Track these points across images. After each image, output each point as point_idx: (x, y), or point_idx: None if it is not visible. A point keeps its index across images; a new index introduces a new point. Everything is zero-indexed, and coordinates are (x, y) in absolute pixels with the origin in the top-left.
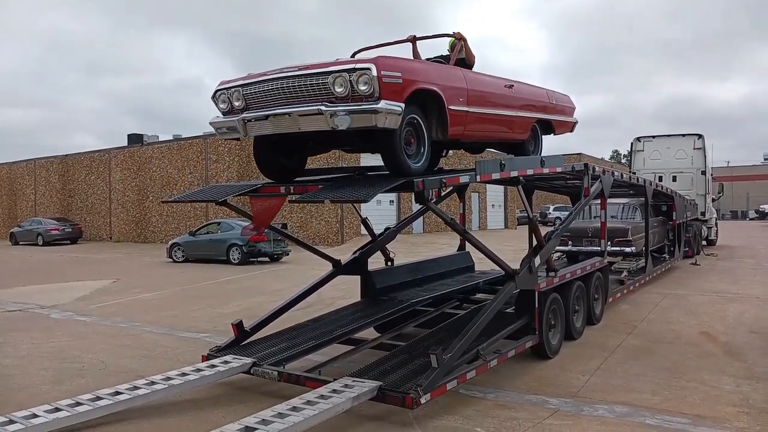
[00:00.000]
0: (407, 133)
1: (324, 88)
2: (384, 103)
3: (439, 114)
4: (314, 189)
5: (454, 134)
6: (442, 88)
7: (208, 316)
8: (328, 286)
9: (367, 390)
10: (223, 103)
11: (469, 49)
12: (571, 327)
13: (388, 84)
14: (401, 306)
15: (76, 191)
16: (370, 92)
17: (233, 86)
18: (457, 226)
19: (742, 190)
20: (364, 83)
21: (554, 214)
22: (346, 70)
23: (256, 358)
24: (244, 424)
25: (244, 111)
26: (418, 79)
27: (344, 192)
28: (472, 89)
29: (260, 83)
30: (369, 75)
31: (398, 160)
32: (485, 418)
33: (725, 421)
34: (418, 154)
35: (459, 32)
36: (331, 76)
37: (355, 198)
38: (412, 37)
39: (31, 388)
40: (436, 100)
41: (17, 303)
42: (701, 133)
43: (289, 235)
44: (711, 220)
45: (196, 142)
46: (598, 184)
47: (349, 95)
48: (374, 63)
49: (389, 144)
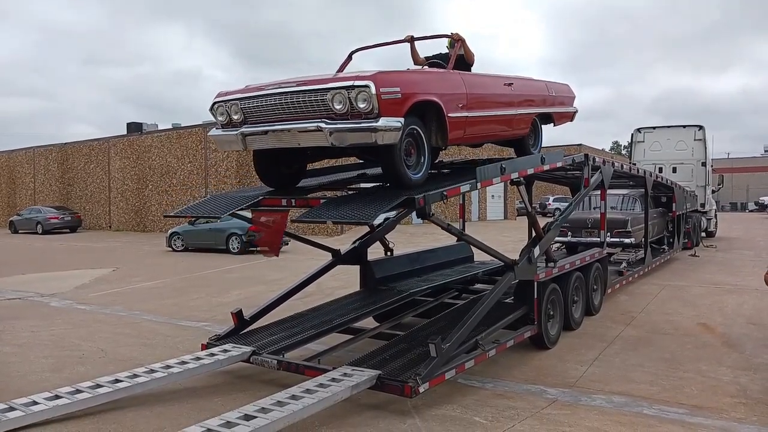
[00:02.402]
0: (407, 144)
1: (323, 105)
2: (383, 120)
3: (439, 122)
4: (316, 203)
5: (454, 139)
6: (441, 97)
7: (208, 305)
8: (328, 275)
9: (366, 379)
10: (221, 115)
11: (468, 49)
12: (569, 317)
13: (387, 100)
14: (400, 296)
15: (76, 180)
16: (369, 109)
17: (231, 99)
18: (453, 229)
19: (742, 181)
20: (363, 100)
21: (554, 205)
22: (345, 87)
23: (255, 346)
24: (244, 412)
25: (242, 124)
26: (417, 92)
27: (346, 211)
28: (472, 93)
29: (259, 98)
30: (368, 93)
31: (398, 172)
32: (483, 407)
33: (723, 411)
34: (418, 165)
35: (457, 33)
36: (329, 93)
37: (357, 220)
38: (410, 38)
39: (30, 375)
40: (436, 108)
41: (17, 291)
42: (702, 125)
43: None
44: (711, 211)
45: (196, 131)
46: (598, 175)
47: (348, 112)
48: (372, 80)
49: (389, 157)
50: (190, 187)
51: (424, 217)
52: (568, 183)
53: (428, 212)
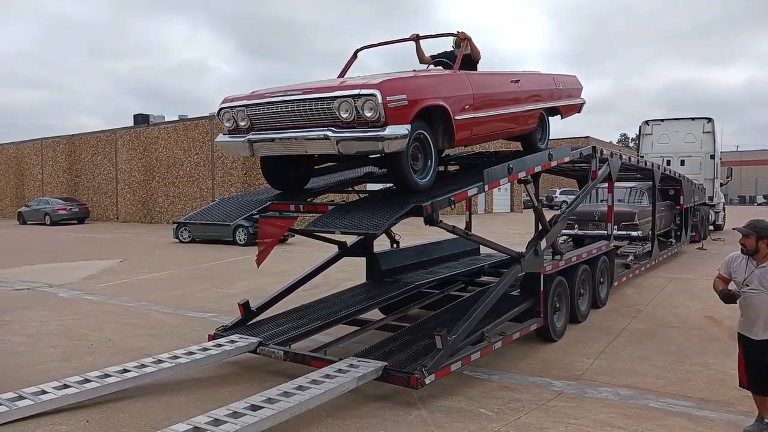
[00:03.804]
0: (414, 149)
1: (329, 112)
2: (390, 129)
3: (446, 124)
4: (324, 209)
5: (461, 140)
6: (448, 100)
7: (215, 296)
8: (334, 267)
9: (372, 370)
10: (228, 121)
11: (474, 46)
12: (576, 310)
13: (393, 108)
14: (406, 288)
15: (83, 171)
16: (375, 118)
17: (238, 106)
18: (459, 231)
19: (750, 174)
20: (370, 109)
21: (561, 197)
22: (351, 96)
23: (262, 337)
24: (251, 403)
25: (249, 130)
26: (424, 97)
27: (354, 220)
28: (479, 93)
29: (265, 105)
30: (374, 101)
31: (405, 178)
32: (489, 399)
33: (729, 404)
34: (425, 168)
35: (463, 32)
36: (336, 101)
37: (365, 231)
38: (416, 36)
39: (39, 365)
40: (443, 111)
41: (25, 281)
42: (711, 117)
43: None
44: (719, 204)
45: (202, 123)
46: (605, 168)
47: (355, 120)
48: (379, 89)
49: (396, 163)
50: (196, 179)
51: (432, 224)
52: (576, 175)
53: (436, 219)
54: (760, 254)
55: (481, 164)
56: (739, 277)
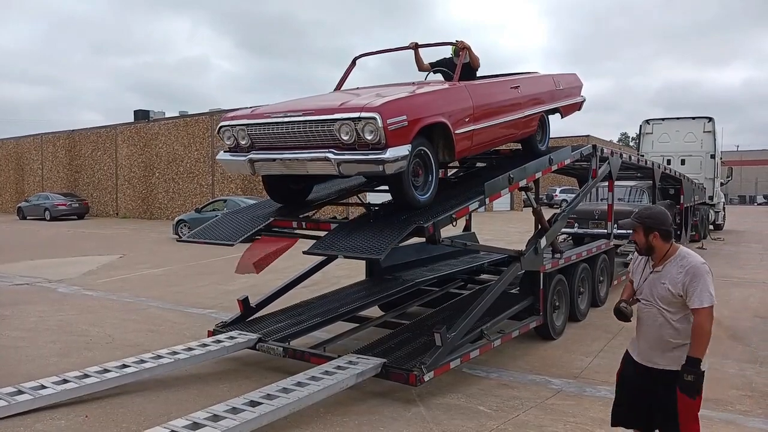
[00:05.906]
0: (415, 165)
1: (330, 134)
2: (391, 151)
3: (446, 139)
4: (327, 227)
5: (461, 152)
6: (448, 116)
7: (214, 292)
8: (334, 264)
9: (371, 367)
10: (228, 139)
11: (474, 55)
12: (575, 308)
13: (394, 131)
14: (406, 285)
15: (83, 167)
16: (376, 141)
17: (239, 124)
18: (457, 243)
19: (751, 174)
20: (370, 132)
21: (561, 196)
22: (352, 119)
23: (261, 334)
24: (250, 399)
25: (250, 149)
26: (424, 116)
27: (357, 242)
28: (478, 104)
29: (266, 125)
30: (374, 125)
31: (406, 196)
32: (488, 396)
33: (728, 404)
34: (425, 184)
35: (462, 41)
36: (336, 124)
37: (368, 255)
38: (414, 45)
39: (39, 359)
40: (443, 127)
41: (25, 277)
42: (712, 116)
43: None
44: (719, 204)
45: (202, 119)
46: (606, 166)
47: (356, 142)
48: (379, 112)
49: (397, 183)
50: (196, 175)
51: (434, 243)
52: (576, 174)
53: (438, 239)
54: (656, 253)
55: (481, 166)
56: (635, 283)
